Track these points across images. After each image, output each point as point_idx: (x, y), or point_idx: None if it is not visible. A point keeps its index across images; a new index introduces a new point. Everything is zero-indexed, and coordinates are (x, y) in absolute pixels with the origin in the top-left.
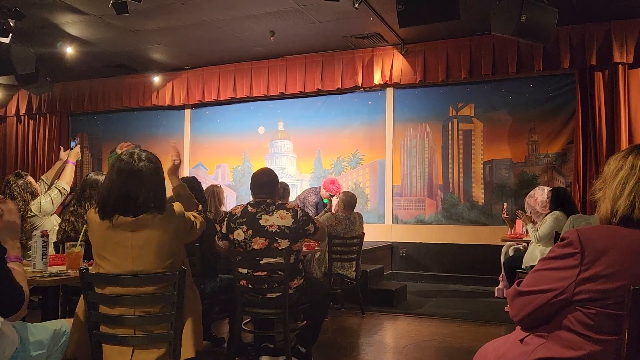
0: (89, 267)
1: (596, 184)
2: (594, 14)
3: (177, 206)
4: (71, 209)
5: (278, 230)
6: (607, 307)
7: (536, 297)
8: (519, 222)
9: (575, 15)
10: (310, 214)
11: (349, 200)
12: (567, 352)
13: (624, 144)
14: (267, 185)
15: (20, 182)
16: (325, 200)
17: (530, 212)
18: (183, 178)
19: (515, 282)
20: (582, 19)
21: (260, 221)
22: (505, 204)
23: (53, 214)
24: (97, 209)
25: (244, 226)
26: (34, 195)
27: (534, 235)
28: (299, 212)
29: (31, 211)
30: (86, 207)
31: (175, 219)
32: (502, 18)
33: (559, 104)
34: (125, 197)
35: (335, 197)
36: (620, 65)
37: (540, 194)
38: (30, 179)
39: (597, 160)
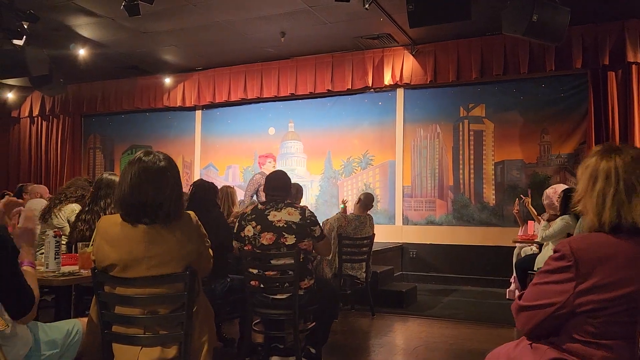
0: None
1: (575, 196)
2: (607, 13)
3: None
4: (87, 208)
5: (285, 225)
6: (611, 315)
7: (537, 312)
8: (530, 224)
9: (587, 15)
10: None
11: (366, 201)
12: None
13: (638, 144)
14: (280, 189)
15: None
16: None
17: (547, 204)
18: (196, 181)
19: (517, 297)
20: (595, 19)
21: (268, 217)
22: (517, 199)
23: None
24: (118, 209)
25: (253, 222)
26: None
27: (541, 234)
28: (307, 211)
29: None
30: (101, 205)
31: (195, 240)
32: (513, 18)
33: (571, 105)
34: (146, 196)
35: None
36: (633, 65)
37: (561, 188)
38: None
39: None
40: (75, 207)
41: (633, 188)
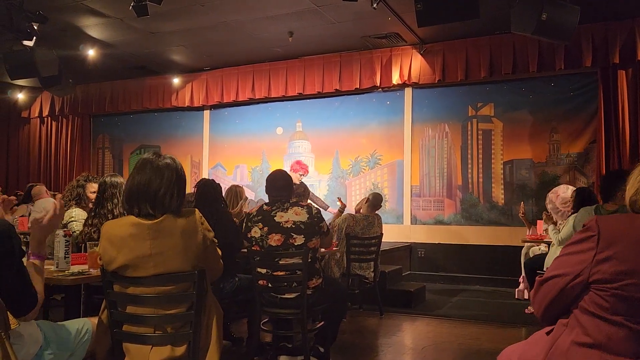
0: None
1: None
2: (617, 12)
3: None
4: (92, 213)
5: (293, 226)
6: (622, 289)
7: (556, 282)
8: (539, 223)
9: (597, 13)
10: None
11: (374, 201)
12: (586, 338)
13: None
14: (283, 189)
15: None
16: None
17: (550, 209)
18: (201, 180)
19: (538, 276)
20: (605, 17)
21: (275, 218)
22: (522, 202)
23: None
24: (123, 205)
25: (260, 223)
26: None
27: (556, 238)
28: (314, 209)
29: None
30: (108, 207)
31: (199, 235)
32: (522, 16)
33: (581, 103)
34: (147, 187)
35: (299, 175)
36: None
37: (563, 191)
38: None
39: (620, 160)
40: (73, 212)
41: None
